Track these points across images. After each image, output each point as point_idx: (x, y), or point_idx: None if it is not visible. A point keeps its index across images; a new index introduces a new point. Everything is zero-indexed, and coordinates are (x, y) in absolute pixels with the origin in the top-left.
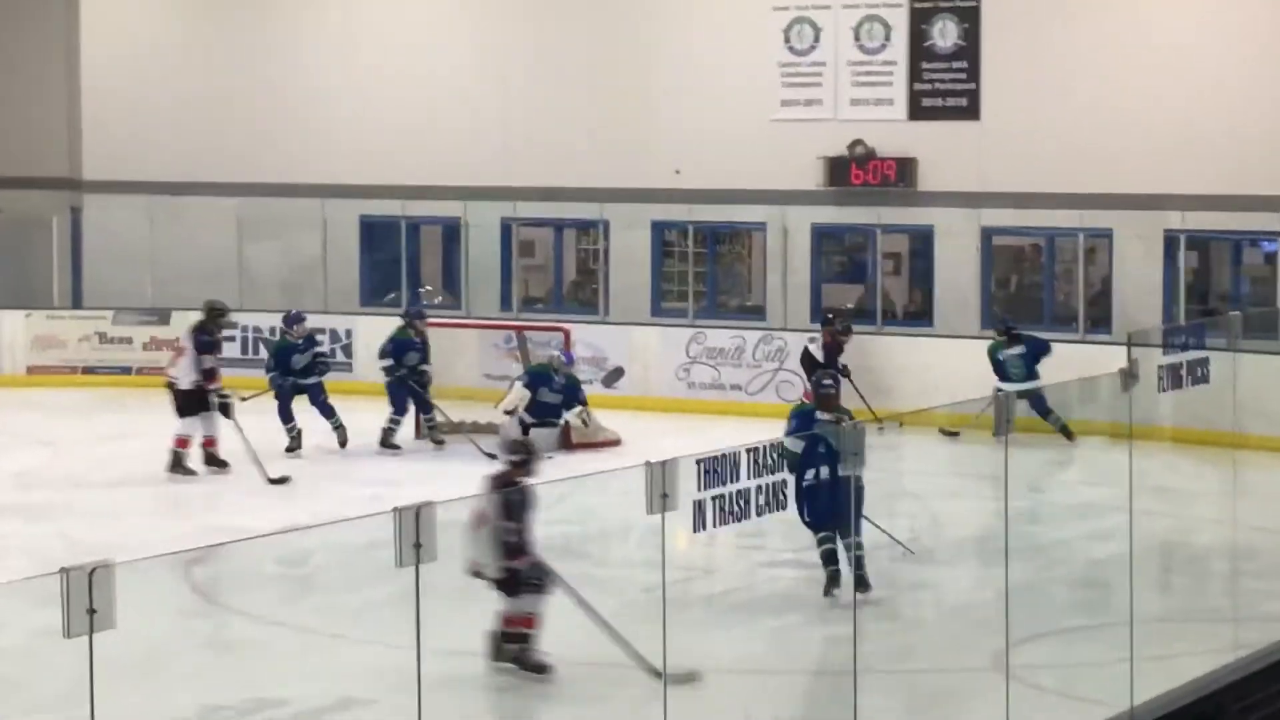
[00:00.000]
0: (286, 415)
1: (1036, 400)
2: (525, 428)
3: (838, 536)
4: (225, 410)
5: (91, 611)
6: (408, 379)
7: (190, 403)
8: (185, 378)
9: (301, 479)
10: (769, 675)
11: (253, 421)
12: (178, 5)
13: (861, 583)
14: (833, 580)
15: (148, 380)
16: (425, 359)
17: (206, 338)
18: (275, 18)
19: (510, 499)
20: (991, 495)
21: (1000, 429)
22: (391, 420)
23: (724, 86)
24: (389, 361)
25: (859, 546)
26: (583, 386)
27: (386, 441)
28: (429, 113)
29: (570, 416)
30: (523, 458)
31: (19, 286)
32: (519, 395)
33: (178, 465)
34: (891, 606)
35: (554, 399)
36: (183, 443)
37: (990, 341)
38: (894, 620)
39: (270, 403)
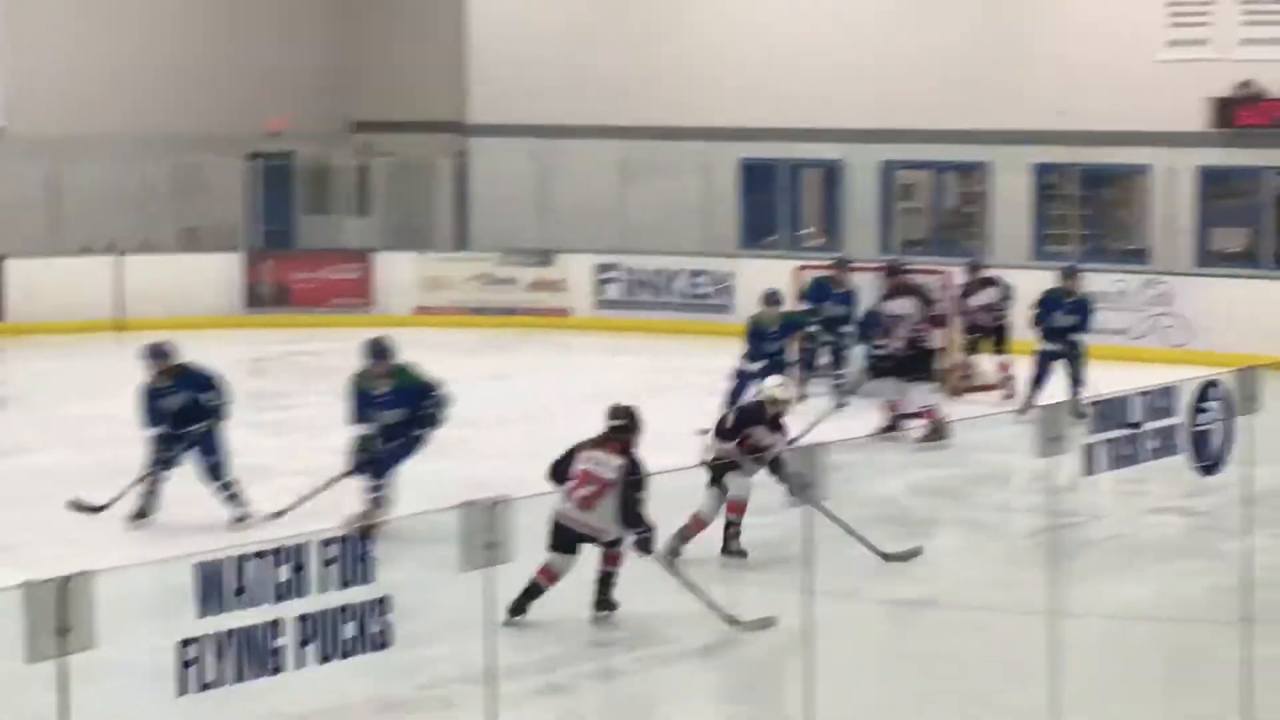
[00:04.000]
0: None
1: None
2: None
3: None
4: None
5: (490, 546)
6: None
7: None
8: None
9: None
10: (1153, 622)
11: None
12: None
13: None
14: None
15: (532, 321)
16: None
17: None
18: None
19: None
20: None
21: None
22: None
23: (1109, 26)
24: (805, 306)
25: None
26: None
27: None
28: (810, 55)
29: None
30: (625, 422)
31: (409, 229)
32: None
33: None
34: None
35: None
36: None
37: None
38: None
39: None
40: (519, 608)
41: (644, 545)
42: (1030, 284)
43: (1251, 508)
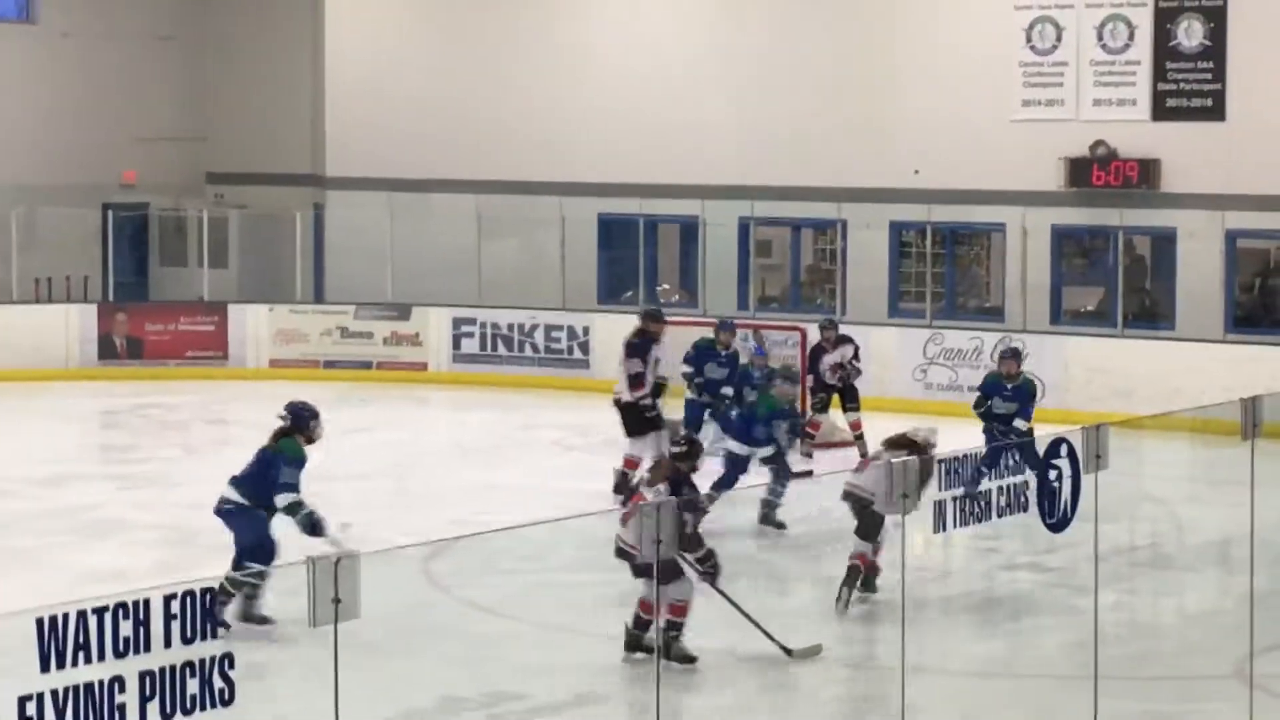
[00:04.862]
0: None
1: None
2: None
3: None
4: (656, 423)
5: (336, 601)
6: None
7: (637, 421)
8: (625, 390)
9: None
10: (1006, 678)
11: None
12: (421, 6)
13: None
14: None
15: (388, 375)
16: (731, 378)
17: (635, 341)
18: (516, 17)
19: (682, 489)
20: (1237, 501)
21: (1247, 432)
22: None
23: (964, 86)
24: (687, 369)
25: None
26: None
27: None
28: (668, 111)
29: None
30: (686, 449)
31: (263, 281)
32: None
33: (621, 487)
34: (1131, 612)
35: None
36: (631, 464)
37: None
38: (1134, 626)
39: None
40: (633, 644)
41: (708, 572)
42: (887, 341)
43: (1101, 564)
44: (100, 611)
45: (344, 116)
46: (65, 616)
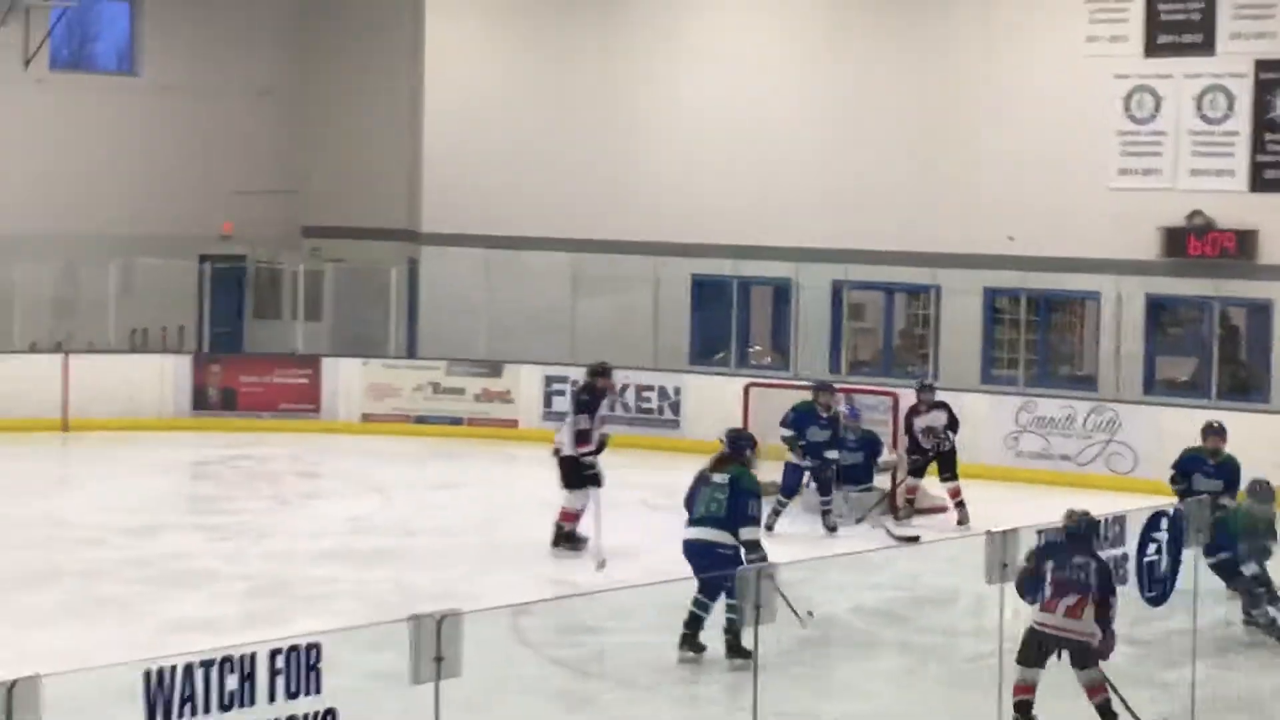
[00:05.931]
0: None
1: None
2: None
3: None
4: (595, 480)
5: (439, 659)
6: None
7: (575, 475)
8: (568, 444)
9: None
10: None
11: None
12: (518, 66)
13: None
14: None
15: (478, 431)
16: (834, 441)
17: (585, 397)
18: (612, 79)
19: None
20: None
21: None
22: (778, 501)
23: (1061, 153)
24: (788, 433)
25: None
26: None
27: (769, 525)
28: (762, 173)
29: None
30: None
31: (357, 335)
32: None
33: (560, 539)
34: (1224, 686)
35: (853, 458)
36: (567, 517)
37: None
38: (1227, 702)
39: None
40: None
41: (1106, 650)
42: (978, 408)
43: (1195, 638)
44: (207, 664)
45: (440, 173)
46: (173, 669)
